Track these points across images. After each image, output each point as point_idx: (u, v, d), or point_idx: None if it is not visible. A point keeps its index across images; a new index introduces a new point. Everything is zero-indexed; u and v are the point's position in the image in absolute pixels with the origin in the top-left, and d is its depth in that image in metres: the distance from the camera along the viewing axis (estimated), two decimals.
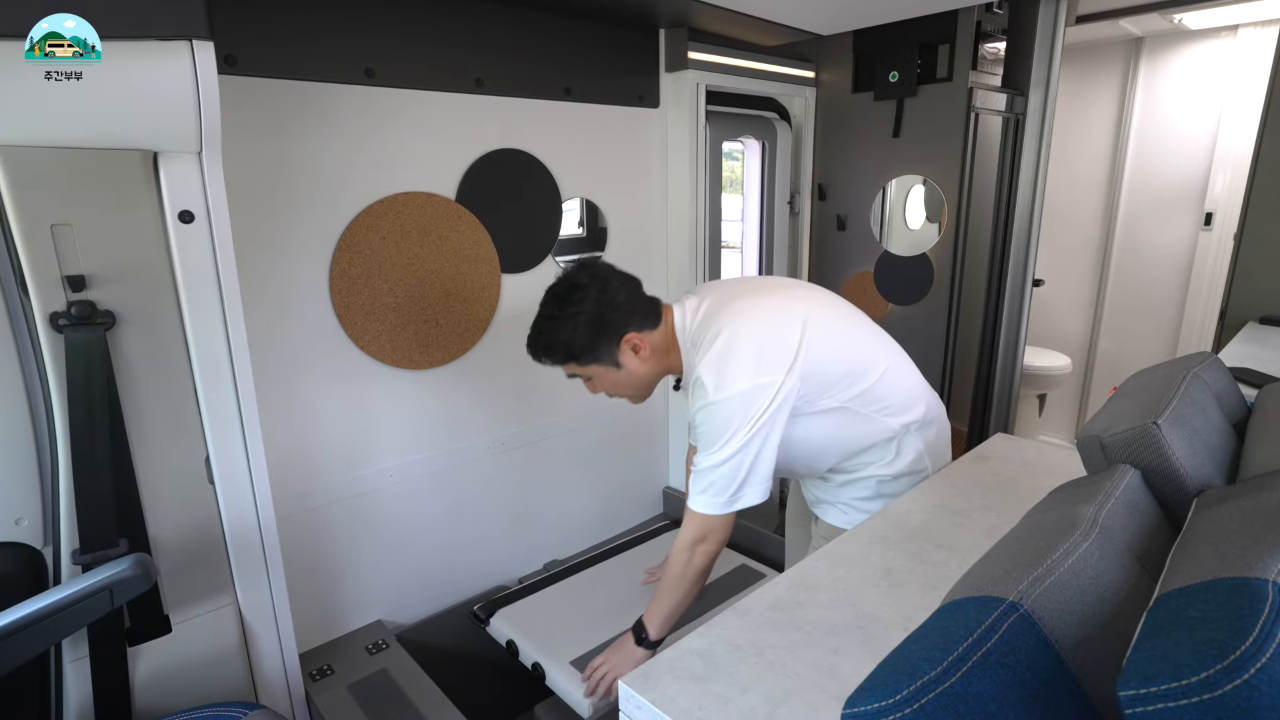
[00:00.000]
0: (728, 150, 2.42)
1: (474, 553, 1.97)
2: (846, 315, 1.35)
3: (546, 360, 1.31)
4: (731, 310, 1.25)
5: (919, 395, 1.35)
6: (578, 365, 1.31)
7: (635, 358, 1.29)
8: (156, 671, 1.18)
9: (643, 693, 0.77)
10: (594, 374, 1.32)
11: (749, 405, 1.16)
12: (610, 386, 1.35)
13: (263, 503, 1.24)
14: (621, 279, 1.30)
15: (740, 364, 1.18)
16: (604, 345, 1.27)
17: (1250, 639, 0.42)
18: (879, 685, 0.52)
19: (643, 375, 1.32)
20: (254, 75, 1.38)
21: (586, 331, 1.25)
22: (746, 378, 1.17)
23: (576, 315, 1.25)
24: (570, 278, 1.29)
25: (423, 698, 1.50)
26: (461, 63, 1.69)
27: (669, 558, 1.31)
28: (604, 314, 1.25)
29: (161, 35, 0.97)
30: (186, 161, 1.06)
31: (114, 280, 1.05)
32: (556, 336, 1.27)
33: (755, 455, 1.17)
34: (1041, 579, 0.55)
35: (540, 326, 1.30)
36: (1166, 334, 3.46)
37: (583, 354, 1.28)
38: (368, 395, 1.67)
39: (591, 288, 1.26)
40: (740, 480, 1.19)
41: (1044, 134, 2.37)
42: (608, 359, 1.29)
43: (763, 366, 1.18)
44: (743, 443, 1.16)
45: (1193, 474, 0.76)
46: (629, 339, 1.28)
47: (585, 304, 1.25)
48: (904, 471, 1.34)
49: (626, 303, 1.28)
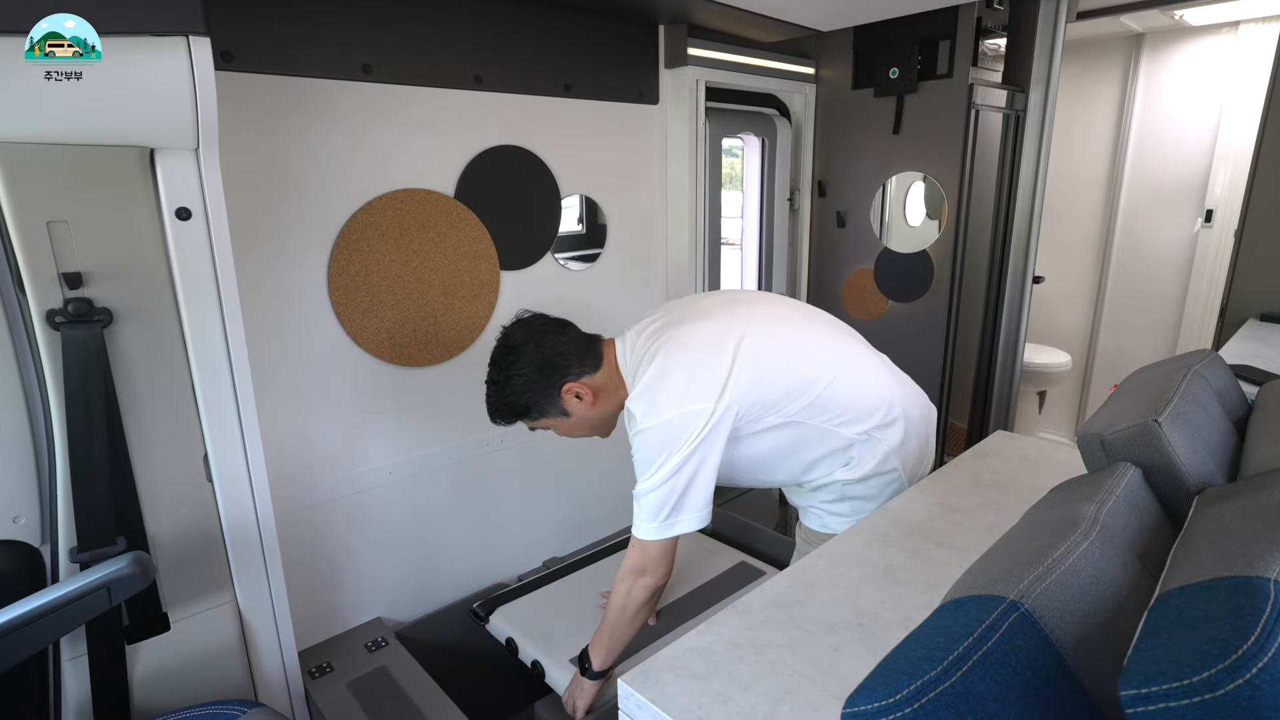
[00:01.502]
0: (727, 147, 2.41)
1: (473, 550, 1.97)
2: (790, 328, 1.33)
3: (501, 422, 1.35)
4: (664, 339, 1.25)
5: (879, 399, 1.31)
6: (530, 421, 1.35)
7: (579, 404, 1.31)
8: (155, 669, 1.17)
9: (642, 691, 0.77)
10: (548, 425, 1.36)
11: (678, 432, 1.16)
12: (567, 432, 1.38)
13: (261, 500, 1.24)
14: (555, 329, 1.33)
15: (668, 393, 1.18)
16: (546, 400, 1.30)
17: (1252, 638, 0.42)
18: (879, 684, 0.52)
19: (594, 418, 1.34)
20: (251, 71, 1.38)
21: (527, 391, 1.29)
22: (674, 406, 1.17)
23: (514, 378, 1.28)
24: (505, 339, 1.32)
25: (422, 695, 1.50)
26: (460, 59, 1.68)
27: (613, 588, 1.31)
28: (540, 370, 1.28)
29: (158, 30, 0.96)
30: (183, 158, 1.06)
31: (111, 277, 1.05)
32: (502, 400, 1.31)
33: (688, 482, 1.17)
34: (1042, 578, 0.55)
35: (489, 392, 1.34)
36: (1166, 331, 3.46)
37: (530, 411, 1.32)
38: (366, 392, 1.67)
39: (526, 346, 1.29)
40: (673, 505, 1.18)
41: (1044, 130, 2.36)
42: (554, 411, 1.32)
43: (691, 395, 1.17)
44: (674, 469, 1.16)
45: (1194, 472, 0.76)
46: (569, 389, 1.30)
47: (521, 364, 1.28)
48: (869, 474, 1.32)
49: (562, 354, 1.30)
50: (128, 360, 1.08)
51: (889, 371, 1.39)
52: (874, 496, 1.35)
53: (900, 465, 1.33)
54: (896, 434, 1.32)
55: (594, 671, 1.37)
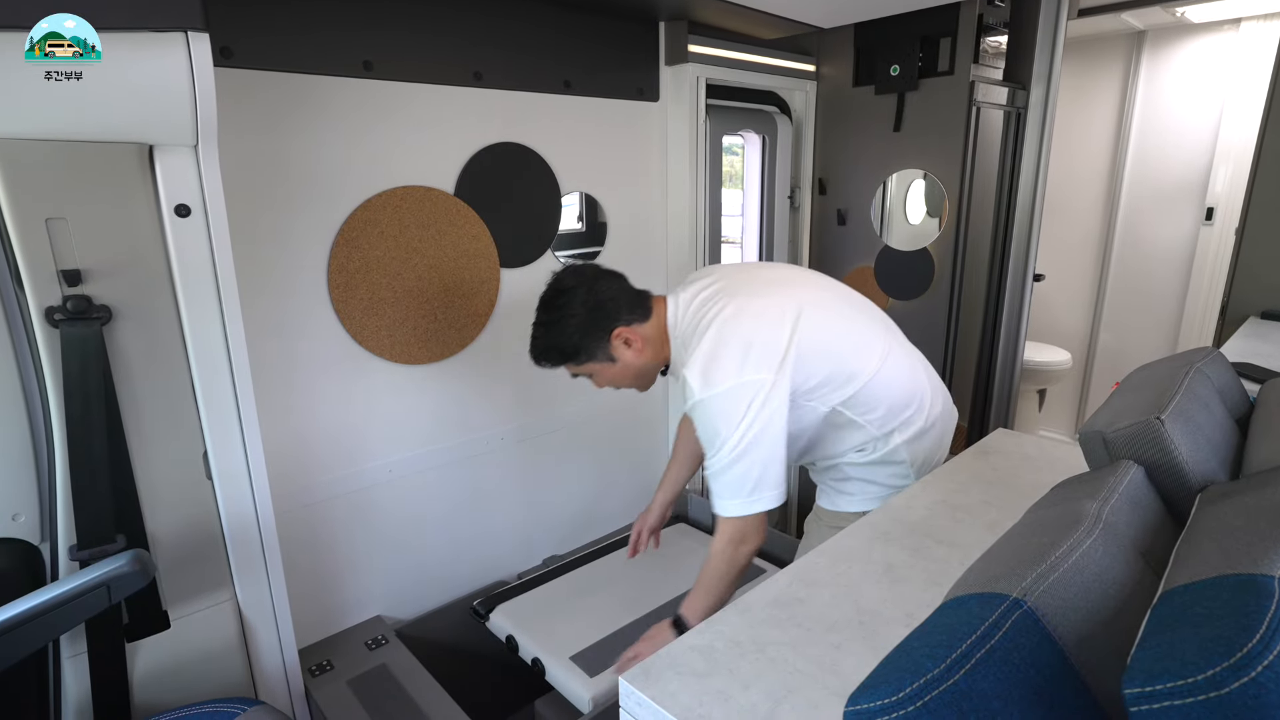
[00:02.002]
0: (727, 145, 2.41)
1: (474, 548, 1.96)
2: (844, 320, 1.33)
3: (546, 364, 1.36)
4: (719, 308, 1.25)
5: (911, 397, 1.34)
6: (575, 365, 1.35)
7: (628, 350, 1.32)
8: (155, 667, 1.17)
9: (643, 689, 0.77)
10: (592, 371, 1.36)
11: (736, 403, 1.16)
12: (610, 380, 1.38)
13: (261, 498, 1.23)
14: (608, 277, 1.34)
15: (725, 363, 1.18)
16: (596, 343, 1.31)
17: (1257, 636, 0.41)
18: (881, 682, 0.51)
19: (639, 367, 1.35)
20: (250, 68, 1.37)
21: (577, 332, 1.30)
22: (731, 376, 1.17)
23: (566, 319, 1.29)
24: (557, 283, 1.33)
25: (422, 693, 1.50)
26: (460, 56, 1.67)
27: (710, 557, 1.28)
28: (592, 313, 1.29)
29: (156, 26, 0.96)
30: (182, 155, 1.05)
31: (110, 275, 1.04)
32: (550, 341, 1.32)
33: (759, 455, 1.17)
34: (1045, 575, 0.55)
35: (535, 333, 1.34)
36: (1167, 329, 3.45)
37: (577, 354, 1.32)
38: (366, 390, 1.67)
39: (578, 290, 1.30)
40: (753, 481, 1.19)
41: (1045, 128, 2.36)
42: (602, 355, 1.32)
43: (748, 365, 1.18)
44: (738, 441, 1.16)
45: (1196, 469, 0.75)
46: (619, 334, 1.31)
47: (573, 306, 1.29)
48: (876, 461, 1.36)
49: (613, 299, 1.31)
50: (127, 358, 1.08)
51: (923, 367, 1.41)
52: (880, 482, 1.38)
53: (909, 459, 1.35)
54: (913, 429, 1.34)
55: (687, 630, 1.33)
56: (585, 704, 1.47)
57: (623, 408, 2.26)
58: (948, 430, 1.44)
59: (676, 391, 2.34)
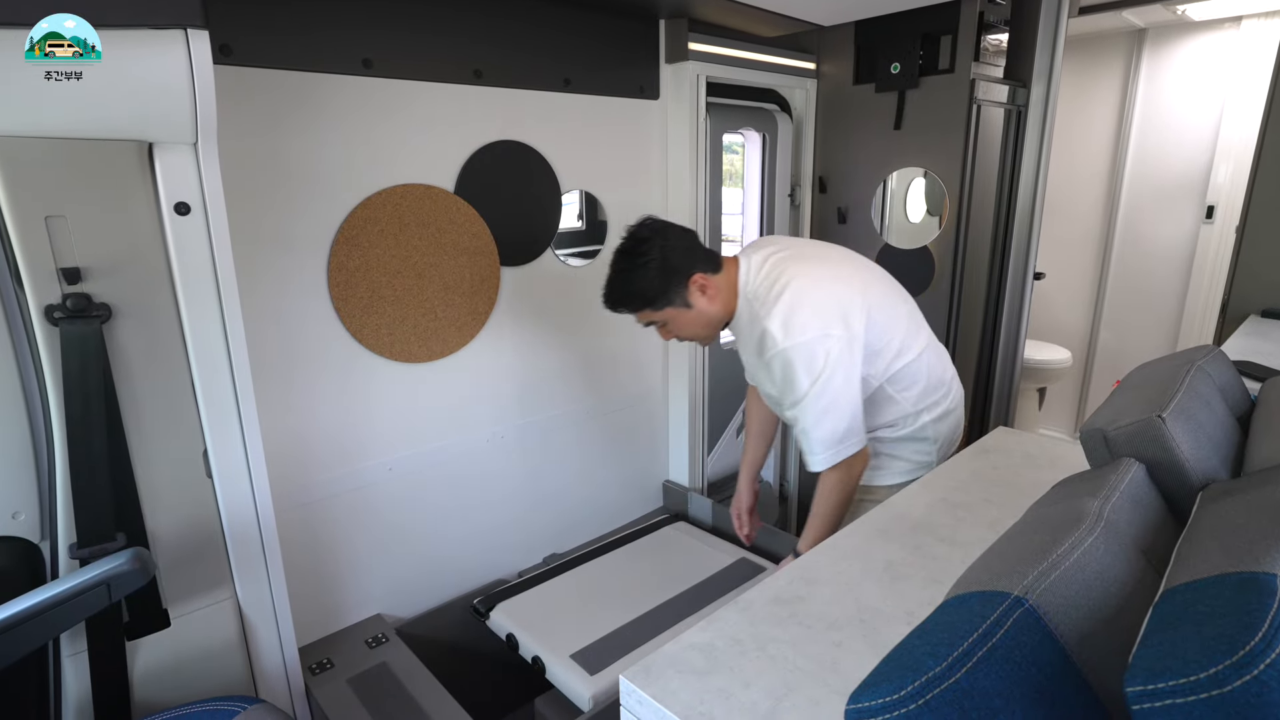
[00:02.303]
0: (728, 143, 2.40)
1: (474, 546, 1.96)
2: (896, 296, 1.47)
3: (624, 309, 1.41)
4: (795, 270, 1.35)
5: (943, 379, 1.49)
6: (652, 310, 1.40)
7: (703, 297, 1.39)
8: (155, 666, 1.17)
9: (644, 687, 0.77)
10: (667, 317, 1.41)
11: (816, 353, 1.28)
12: (683, 328, 1.44)
13: (261, 497, 1.23)
14: (679, 230, 1.42)
15: (807, 315, 1.30)
16: (674, 287, 1.37)
17: (1260, 634, 0.41)
18: (883, 680, 0.51)
19: (712, 314, 1.42)
20: (250, 65, 1.37)
21: (657, 276, 1.36)
22: (813, 329, 1.28)
23: (647, 264, 1.35)
24: (634, 234, 1.39)
25: (423, 691, 1.50)
26: (460, 54, 1.67)
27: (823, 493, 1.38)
28: (670, 259, 1.36)
29: (156, 24, 0.96)
30: (182, 153, 1.05)
31: (110, 273, 1.04)
32: (631, 286, 1.38)
33: (843, 408, 1.29)
34: (1047, 573, 0.55)
35: (615, 280, 1.40)
36: (1167, 327, 3.45)
37: (657, 298, 1.38)
38: (366, 389, 1.66)
39: (655, 239, 1.37)
40: (841, 433, 1.30)
41: (1046, 126, 2.36)
42: (679, 300, 1.39)
43: (830, 320, 1.30)
44: (821, 391, 1.28)
45: (1197, 468, 0.75)
46: (696, 279, 1.38)
47: (652, 253, 1.35)
48: (905, 437, 1.47)
49: (689, 249, 1.40)
50: (127, 356, 1.08)
51: (946, 355, 1.55)
52: (906, 458, 1.49)
53: (934, 436, 1.48)
54: (939, 410, 1.47)
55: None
56: (585, 702, 1.47)
57: (623, 406, 2.26)
58: (962, 415, 1.56)
59: (676, 391, 2.34)
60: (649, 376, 2.32)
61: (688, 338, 1.47)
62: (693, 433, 2.36)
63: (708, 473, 2.48)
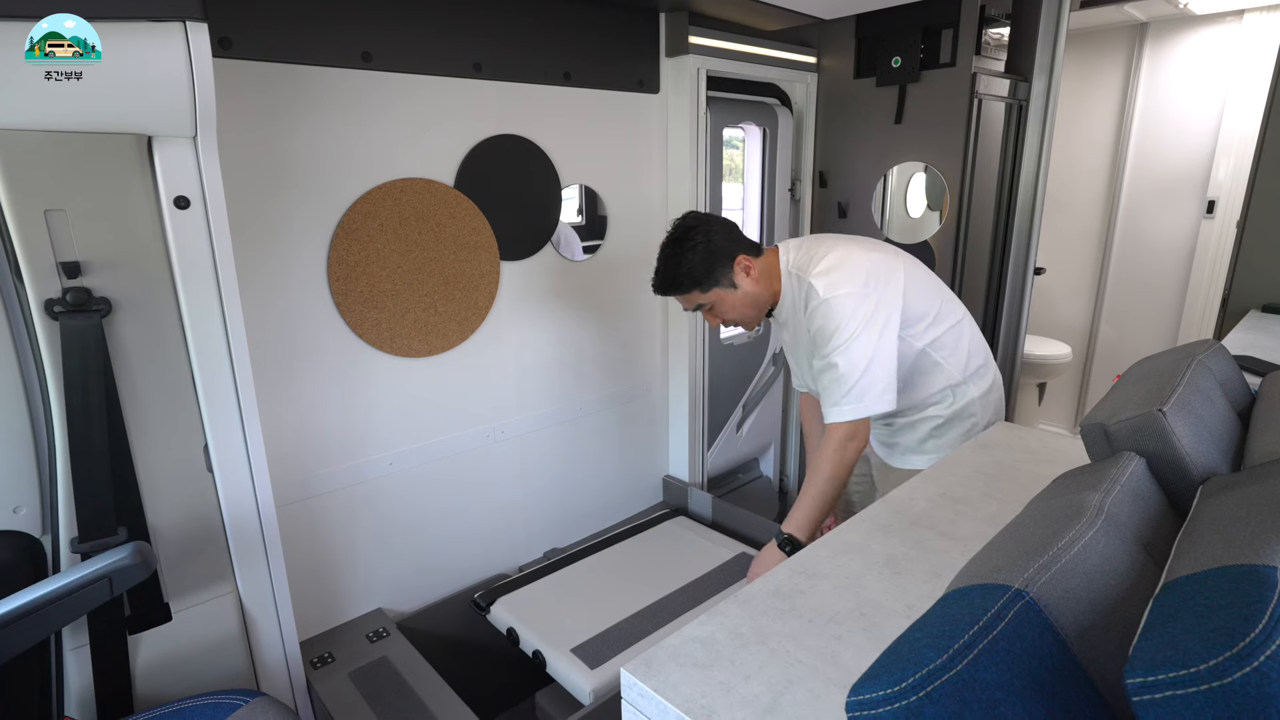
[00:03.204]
0: (728, 137, 2.40)
1: (474, 541, 1.97)
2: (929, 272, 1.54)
3: (674, 292, 1.49)
4: (833, 243, 1.46)
5: (983, 349, 1.56)
6: (700, 292, 1.48)
7: (748, 279, 1.48)
8: (157, 659, 1.18)
9: (645, 680, 0.77)
10: (714, 298, 1.49)
11: (859, 305, 1.34)
12: (730, 309, 1.51)
13: (262, 491, 1.24)
14: (721, 220, 1.52)
15: (850, 273, 1.37)
16: (720, 269, 1.46)
17: (1260, 626, 0.41)
18: (884, 673, 0.52)
19: (756, 294, 1.50)
20: (249, 59, 1.36)
21: (705, 259, 1.45)
22: (856, 284, 1.36)
23: (694, 248, 1.45)
24: (679, 223, 1.50)
25: (423, 685, 1.50)
26: (460, 47, 1.67)
27: (819, 465, 1.40)
28: (716, 243, 1.46)
29: (155, 16, 0.95)
30: (181, 146, 1.05)
31: (109, 267, 1.04)
32: (681, 268, 1.46)
33: (879, 360, 1.34)
34: (1047, 566, 0.55)
35: (665, 265, 1.48)
36: (1168, 322, 3.45)
37: (704, 279, 1.46)
38: (367, 383, 1.66)
39: (699, 228, 1.47)
40: (880, 386, 1.34)
41: (1047, 120, 2.35)
42: (725, 281, 1.47)
43: (871, 280, 1.37)
44: (864, 344, 1.33)
45: (1198, 461, 0.75)
46: (740, 261, 1.47)
47: (699, 239, 1.45)
48: (954, 416, 1.52)
49: (731, 235, 1.49)
50: (127, 350, 1.08)
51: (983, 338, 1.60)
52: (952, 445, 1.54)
53: (980, 413, 1.53)
54: (985, 383, 1.54)
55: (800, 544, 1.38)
56: (586, 696, 1.48)
57: (624, 401, 2.26)
58: (1003, 396, 1.61)
59: (677, 387, 2.34)
60: (649, 371, 2.32)
61: (734, 320, 1.54)
62: (693, 427, 2.36)
63: (708, 467, 2.48)
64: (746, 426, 2.64)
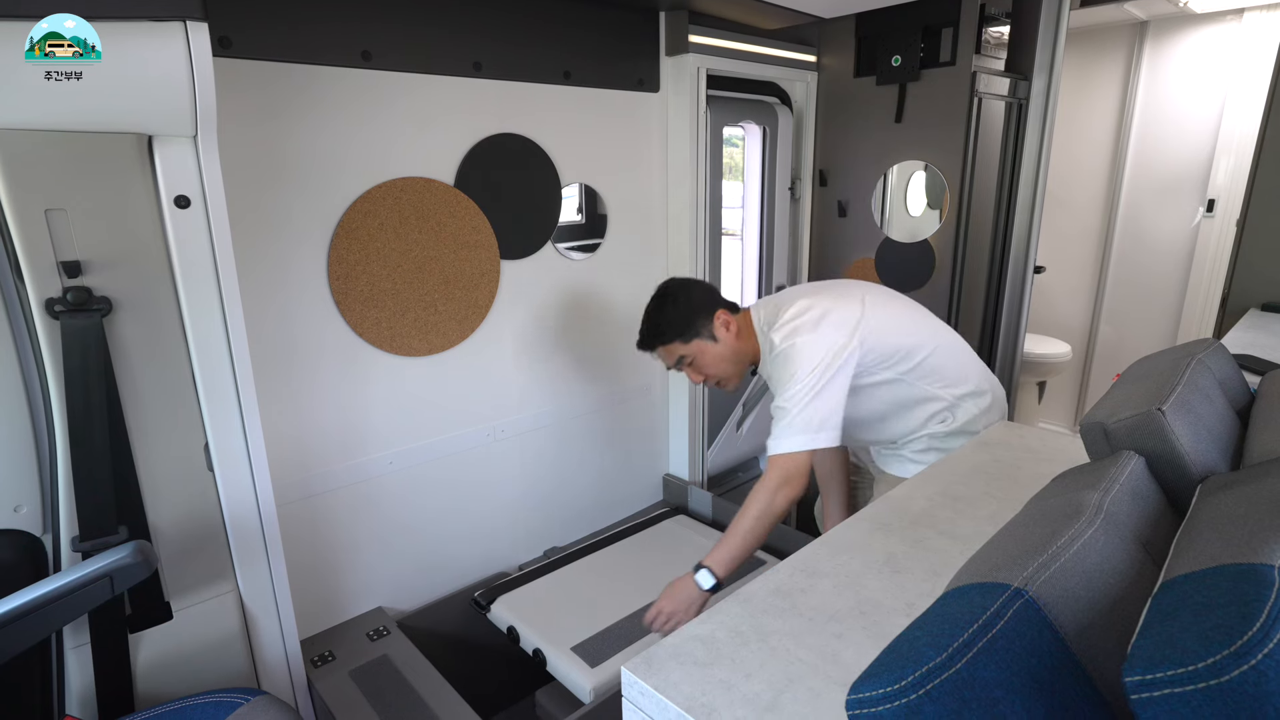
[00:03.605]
0: (728, 136, 2.40)
1: (474, 540, 1.97)
2: (900, 304, 1.58)
3: (659, 344, 1.57)
4: (794, 295, 1.52)
5: (971, 370, 1.57)
6: (682, 343, 1.55)
7: (728, 333, 1.54)
8: (158, 658, 1.18)
9: (645, 678, 0.77)
10: (696, 350, 1.55)
11: (813, 354, 1.37)
12: (711, 363, 1.56)
13: (262, 490, 1.24)
14: (700, 282, 1.64)
15: (805, 322, 1.41)
16: (701, 320, 1.53)
17: (1258, 624, 0.42)
18: (883, 671, 0.52)
19: (737, 349, 1.55)
20: (249, 58, 1.36)
21: (686, 312, 1.54)
22: (810, 332, 1.39)
23: (677, 303, 1.55)
24: (663, 286, 1.60)
25: (424, 684, 1.51)
26: (460, 46, 1.66)
27: (748, 501, 1.41)
28: (696, 298, 1.55)
29: (155, 15, 0.95)
30: (182, 145, 1.05)
31: (110, 266, 1.04)
32: (666, 321, 1.55)
33: (829, 398, 1.36)
34: (1046, 565, 0.55)
35: (649, 320, 1.58)
36: (1167, 321, 3.45)
37: (685, 330, 1.54)
38: (367, 382, 1.67)
39: (681, 288, 1.58)
40: (820, 419, 1.35)
41: (1047, 119, 2.35)
42: (706, 333, 1.54)
43: (826, 327, 1.40)
44: (809, 386, 1.35)
45: (1197, 460, 0.75)
46: (720, 315, 1.54)
47: (680, 294, 1.56)
48: (957, 430, 1.53)
49: (711, 293, 1.59)
50: (127, 349, 1.08)
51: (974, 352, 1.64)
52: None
53: (983, 429, 1.52)
54: (985, 401, 1.55)
55: (718, 583, 1.39)
56: (586, 694, 1.48)
57: (624, 400, 2.26)
58: (1004, 408, 1.62)
59: (676, 385, 2.34)
60: (649, 369, 2.32)
61: (715, 375, 1.58)
62: (693, 426, 2.36)
63: (708, 466, 2.48)
64: (747, 425, 2.64)
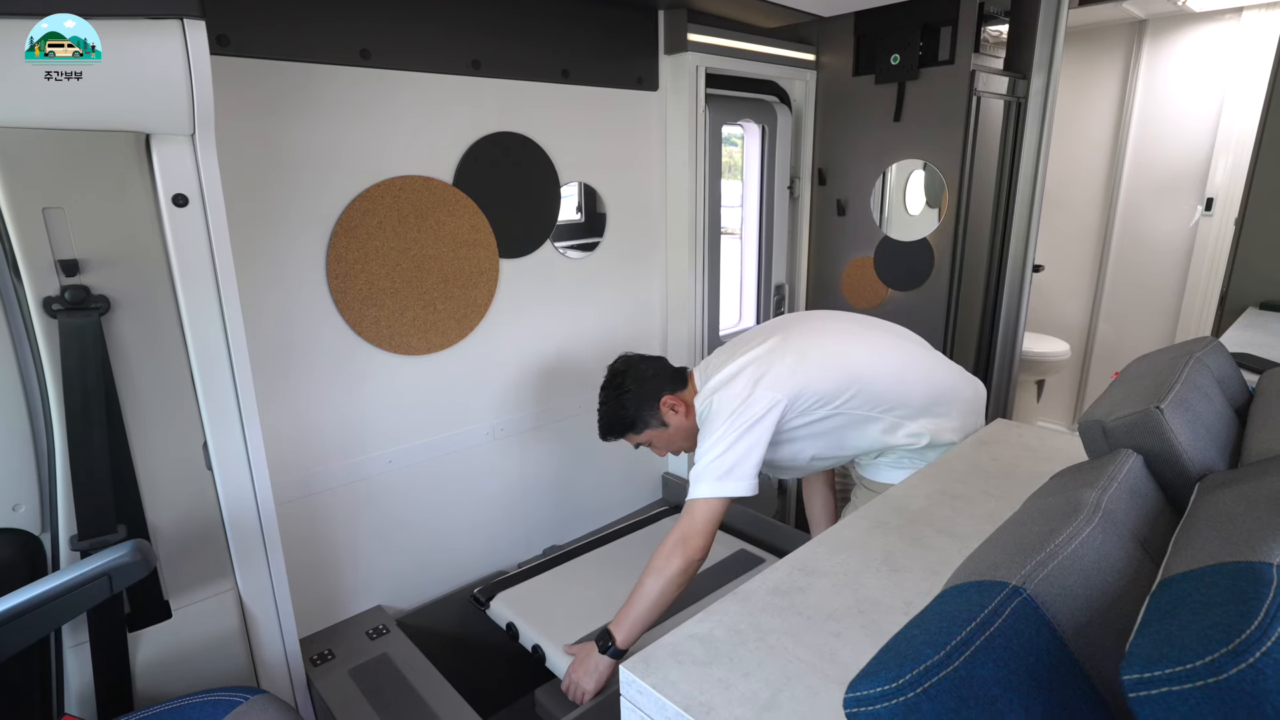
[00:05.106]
0: (727, 135, 2.39)
1: (473, 538, 1.97)
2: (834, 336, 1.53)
3: (613, 438, 1.61)
4: (723, 358, 1.51)
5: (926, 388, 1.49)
6: (635, 435, 1.58)
7: (676, 415, 1.54)
8: (157, 657, 1.18)
9: (644, 677, 0.78)
10: (649, 438, 1.59)
11: (738, 416, 1.36)
12: (666, 444, 1.60)
13: (261, 488, 1.24)
14: (648, 359, 1.62)
15: (735, 388, 1.40)
16: (648, 412, 1.55)
17: (1256, 622, 0.42)
18: (881, 669, 0.52)
19: (687, 427, 1.55)
20: (247, 56, 1.36)
21: (633, 405, 1.55)
22: (738, 398, 1.38)
23: (622, 396, 1.55)
24: (611, 370, 1.61)
25: (423, 682, 1.51)
26: (458, 44, 1.66)
27: (647, 566, 1.39)
28: (642, 388, 1.55)
29: (152, 13, 0.95)
30: (179, 144, 1.05)
31: (108, 265, 1.04)
32: (614, 416, 1.57)
33: (740, 454, 1.34)
34: (1044, 563, 0.55)
35: (601, 414, 1.60)
36: (1166, 320, 3.46)
37: (635, 424, 1.56)
38: (366, 381, 1.66)
39: (627, 372, 1.57)
40: (728, 466, 1.34)
41: (1046, 118, 2.35)
42: (655, 422, 1.56)
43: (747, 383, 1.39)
44: (730, 442, 1.34)
45: (1195, 458, 0.76)
46: (665, 401, 1.55)
47: (626, 384, 1.56)
48: (928, 446, 1.48)
49: (656, 375, 1.58)
50: (126, 348, 1.08)
51: (935, 361, 1.58)
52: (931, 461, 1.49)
53: (956, 441, 1.48)
54: (954, 418, 1.50)
55: (615, 649, 1.38)
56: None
57: None
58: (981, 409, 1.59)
59: None
60: None
61: (675, 451, 1.62)
62: None
63: None
64: None
